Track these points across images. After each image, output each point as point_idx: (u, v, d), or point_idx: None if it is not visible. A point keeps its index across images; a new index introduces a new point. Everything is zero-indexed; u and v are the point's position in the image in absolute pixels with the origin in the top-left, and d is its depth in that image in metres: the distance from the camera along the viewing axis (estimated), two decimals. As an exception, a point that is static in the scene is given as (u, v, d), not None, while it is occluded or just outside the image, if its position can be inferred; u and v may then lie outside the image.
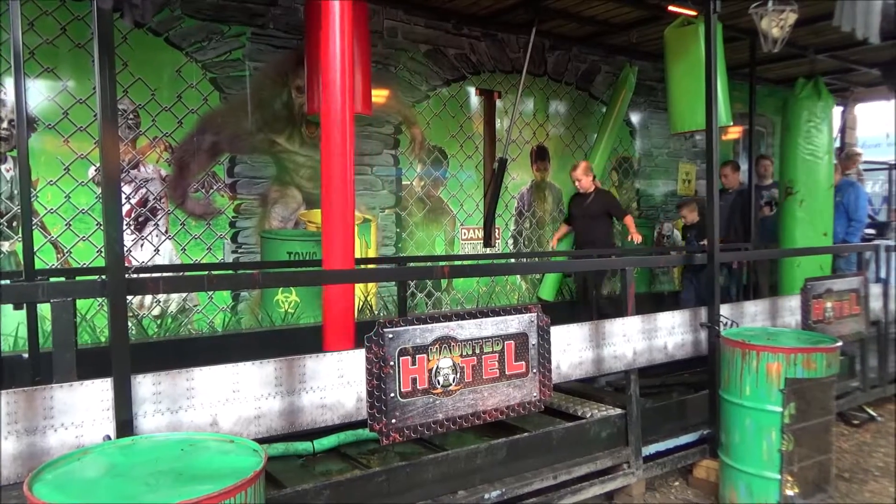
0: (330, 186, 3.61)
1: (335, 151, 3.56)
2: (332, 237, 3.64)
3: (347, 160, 3.59)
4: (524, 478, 3.05)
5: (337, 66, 3.49)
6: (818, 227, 6.42)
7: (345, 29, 3.52)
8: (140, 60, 4.74)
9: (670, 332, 3.67)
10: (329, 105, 3.53)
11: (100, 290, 2.23)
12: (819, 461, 3.09)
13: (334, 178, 3.58)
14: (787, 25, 4.18)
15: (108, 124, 2.14)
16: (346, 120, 3.54)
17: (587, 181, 6.05)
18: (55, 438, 2.01)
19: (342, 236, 3.64)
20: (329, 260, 3.65)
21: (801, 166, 6.44)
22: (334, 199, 3.60)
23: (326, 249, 3.67)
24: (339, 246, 3.64)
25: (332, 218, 3.64)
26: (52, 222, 4.50)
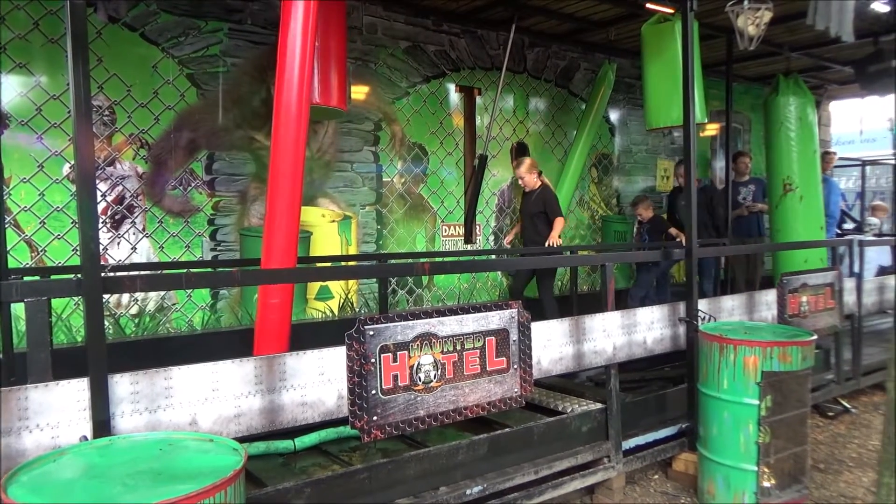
0: (277, 184, 3.41)
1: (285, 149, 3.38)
2: (274, 236, 3.43)
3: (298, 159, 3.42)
4: (505, 473, 3.07)
5: (296, 59, 3.38)
6: (818, 221, 6.54)
7: (308, 23, 3.41)
8: (115, 56, 4.67)
9: (649, 327, 3.71)
10: (281, 98, 3.38)
11: (75, 288, 2.19)
12: (795, 453, 3.14)
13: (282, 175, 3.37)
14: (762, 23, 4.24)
15: (82, 121, 2.11)
16: (301, 116, 3.39)
17: (531, 179, 5.80)
18: (30, 440, 1.98)
19: (286, 235, 3.43)
20: (267, 259, 3.45)
21: (798, 163, 6.51)
22: (281, 196, 3.40)
23: (267, 248, 3.46)
24: (282, 245, 3.42)
25: (275, 216, 3.42)
26: (26, 220, 4.42)
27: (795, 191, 6.53)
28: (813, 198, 6.53)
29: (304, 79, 3.40)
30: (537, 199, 5.79)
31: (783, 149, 6.58)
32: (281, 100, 3.39)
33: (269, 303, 3.41)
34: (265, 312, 3.46)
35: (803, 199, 6.51)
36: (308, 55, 3.43)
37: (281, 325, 3.45)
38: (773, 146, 6.71)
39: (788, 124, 6.50)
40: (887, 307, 5.43)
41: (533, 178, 5.79)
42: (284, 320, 3.48)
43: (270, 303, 3.40)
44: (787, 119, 6.50)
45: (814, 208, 6.54)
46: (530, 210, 5.83)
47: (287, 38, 3.39)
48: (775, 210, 6.75)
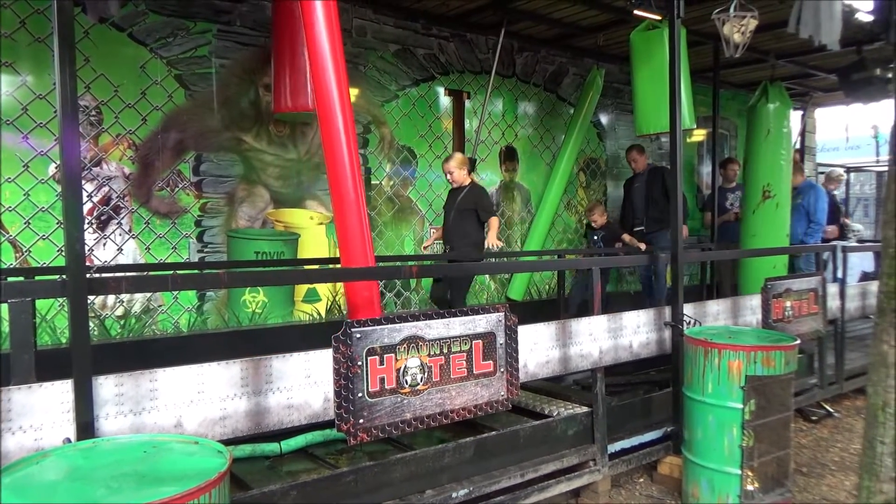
0: (339, 185, 3.44)
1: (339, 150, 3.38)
2: (349, 234, 3.51)
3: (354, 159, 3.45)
4: (492, 476, 3.07)
5: (329, 62, 3.38)
6: (784, 229, 6.60)
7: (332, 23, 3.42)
8: (103, 56, 4.65)
9: (635, 331, 3.73)
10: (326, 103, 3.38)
11: (60, 289, 2.18)
12: (778, 456, 3.16)
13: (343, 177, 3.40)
14: (748, 31, 4.28)
15: (68, 121, 2.10)
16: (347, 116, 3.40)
17: (460, 174, 5.35)
18: (13, 441, 1.97)
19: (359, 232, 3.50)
20: (348, 258, 3.56)
21: (778, 170, 6.59)
22: (345, 196, 3.44)
23: (343, 247, 3.56)
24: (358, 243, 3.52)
25: (346, 215, 3.49)
26: (11, 220, 4.39)
27: (773, 198, 6.61)
28: (785, 206, 6.63)
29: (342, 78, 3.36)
30: (468, 195, 5.33)
31: (766, 156, 6.65)
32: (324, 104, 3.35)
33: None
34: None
35: (779, 207, 6.60)
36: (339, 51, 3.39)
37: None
38: (753, 153, 6.80)
39: (773, 131, 6.58)
40: (870, 312, 5.50)
41: (463, 173, 5.37)
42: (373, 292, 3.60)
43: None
44: (772, 126, 6.58)
45: (784, 217, 6.64)
46: (459, 206, 5.34)
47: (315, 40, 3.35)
48: (751, 216, 6.83)
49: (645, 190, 6.72)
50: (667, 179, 6.50)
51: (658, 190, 6.66)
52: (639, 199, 6.78)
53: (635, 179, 6.85)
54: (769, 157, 6.64)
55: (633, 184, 6.90)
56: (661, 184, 6.62)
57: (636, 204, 6.82)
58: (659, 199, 6.66)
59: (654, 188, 6.68)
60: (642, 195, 6.73)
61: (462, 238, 5.32)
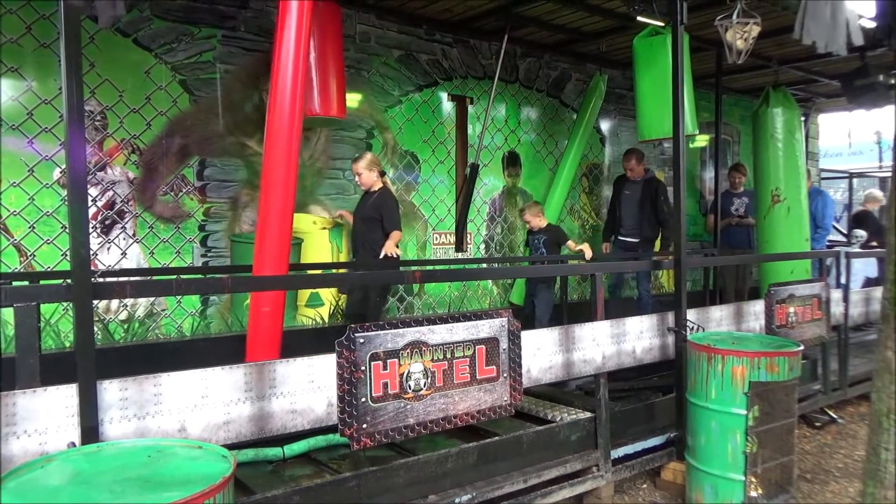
0: (269, 191, 3.43)
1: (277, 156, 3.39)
2: (266, 243, 3.46)
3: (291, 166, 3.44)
4: (495, 481, 3.07)
5: (289, 66, 3.38)
6: (803, 233, 6.59)
7: (301, 28, 3.43)
8: (108, 61, 4.66)
9: (638, 337, 3.73)
10: (274, 106, 3.38)
11: (65, 294, 2.19)
12: (782, 462, 3.16)
13: (274, 182, 3.40)
14: (750, 37, 4.28)
15: (74, 126, 2.11)
16: (294, 123, 3.40)
17: (368, 177, 4.94)
18: (18, 446, 1.97)
19: (277, 243, 3.46)
20: (259, 266, 3.49)
21: (788, 175, 6.58)
22: (273, 204, 3.43)
23: (258, 255, 3.51)
24: (274, 252, 3.47)
25: (267, 223, 3.45)
26: (16, 225, 4.40)
27: (784, 202, 6.59)
28: (800, 209, 6.59)
29: (297, 85, 3.40)
30: (374, 203, 4.94)
31: (773, 160, 6.65)
32: (274, 107, 3.39)
33: (261, 310, 3.41)
34: (257, 319, 3.46)
35: (791, 211, 6.58)
36: (302, 62, 3.44)
37: (272, 332, 3.45)
38: (761, 158, 6.78)
39: (778, 136, 6.58)
40: (873, 318, 5.49)
41: (372, 176, 4.95)
42: (276, 327, 3.48)
43: (262, 310, 3.40)
44: (776, 131, 6.57)
45: (800, 220, 6.60)
46: (365, 214, 4.98)
47: (281, 45, 3.40)
48: (763, 221, 6.81)
49: (639, 201, 6.53)
50: (659, 195, 6.42)
51: (649, 205, 6.49)
52: (629, 208, 6.60)
53: (626, 185, 6.65)
54: (773, 162, 6.66)
55: (623, 189, 6.69)
56: (653, 199, 6.47)
57: (625, 211, 6.62)
58: (650, 216, 6.52)
59: (647, 203, 6.50)
60: (635, 206, 6.55)
61: (367, 249, 4.96)
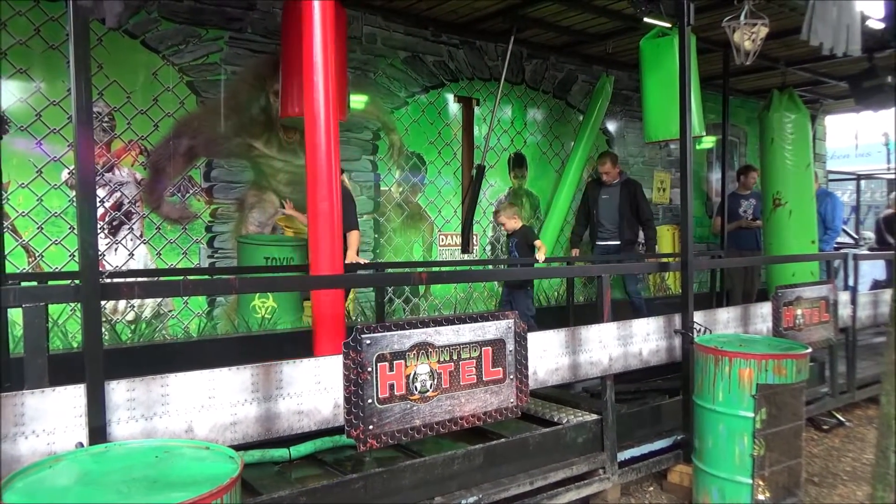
0: (315, 191, 3.54)
1: (320, 155, 3.49)
2: (319, 242, 3.56)
3: (333, 164, 3.52)
4: (501, 483, 3.06)
5: (320, 68, 3.44)
6: (808, 236, 6.56)
7: (327, 30, 3.47)
8: (116, 63, 4.69)
9: (645, 339, 3.71)
10: (312, 108, 3.47)
11: (73, 294, 2.20)
12: (789, 466, 3.14)
13: (320, 182, 3.51)
14: (758, 39, 4.27)
15: (82, 127, 2.11)
16: (331, 123, 3.48)
17: None
18: (26, 446, 1.98)
19: (329, 240, 3.56)
20: (316, 265, 3.59)
21: (789, 177, 6.56)
22: (320, 204, 3.53)
23: (313, 254, 3.61)
24: (327, 250, 3.56)
25: (318, 222, 3.54)
26: (24, 225, 4.43)
27: (785, 206, 6.58)
28: (803, 212, 6.56)
29: (330, 85, 3.42)
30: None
31: (775, 164, 6.65)
32: (312, 108, 3.41)
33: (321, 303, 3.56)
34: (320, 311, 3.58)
35: (793, 214, 6.56)
36: (332, 60, 3.46)
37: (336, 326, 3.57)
38: (765, 161, 6.77)
39: (781, 139, 6.56)
40: (882, 321, 5.45)
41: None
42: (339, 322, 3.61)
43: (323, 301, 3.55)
44: (780, 134, 6.56)
45: (804, 223, 6.57)
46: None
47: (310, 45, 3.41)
48: (767, 224, 6.80)
49: (618, 205, 6.41)
50: (639, 196, 6.38)
51: (628, 208, 6.39)
52: (608, 212, 6.48)
53: (603, 189, 6.51)
54: (777, 165, 6.64)
55: (600, 194, 6.54)
56: (634, 201, 6.36)
57: (604, 215, 6.50)
58: (630, 218, 6.42)
59: (626, 206, 6.39)
60: (614, 209, 6.43)
61: None
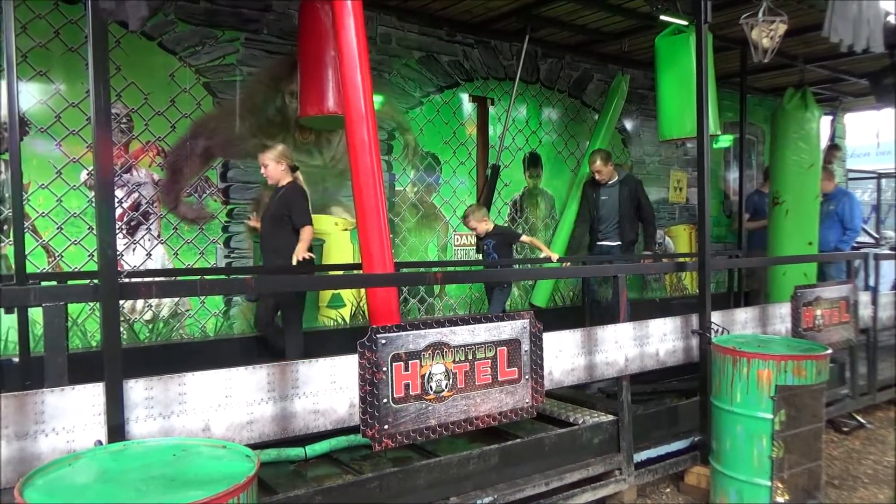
0: (362, 192, 3.57)
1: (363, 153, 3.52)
2: (370, 240, 3.65)
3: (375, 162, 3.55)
4: (516, 484, 3.06)
5: (357, 65, 3.46)
6: (804, 237, 6.48)
7: (359, 29, 3.49)
8: (134, 65, 4.73)
9: (662, 339, 3.69)
10: (352, 107, 3.49)
11: (92, 294, 2.22)
12: (809, 468, 3.10)
13: (365, 183, 3.54)
14: (776, 36, 4.22)
15: (101, 128, 2.14)
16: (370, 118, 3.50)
17: (275, 170, 4.49)
18: (46, 443, 2.00)
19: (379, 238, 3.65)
20: (369, 264, 3.68)
21: (788, 176, 6.51)
22: (367, 204, 3.59)
23: (365, 254, 3.69)
24: (378, 249, 3.65)
25: (367, 221, 3.63)
26: (44, 226, 4.48)
27: (782, 204, 6.53)
28: (802, 213, 6.50)
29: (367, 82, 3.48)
30: (281, 198, 4.49)
31: (777, 162, 6.66)
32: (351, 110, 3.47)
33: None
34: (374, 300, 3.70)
35: (789, 214, 6.49)
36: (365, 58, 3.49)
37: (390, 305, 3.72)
38: (771, 159, 6.76)
39: (784, 138, 6.52)
40: (903, 321, 5.38)
41: (280, 169, 4.50)
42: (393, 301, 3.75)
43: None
44: (784, 133, 6.52)
45: (801, 223, 6.50)
46: (271, 211, 4.55)
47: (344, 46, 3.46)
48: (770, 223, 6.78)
49: (618, 204, 6.13)
50: (639, 194, 6.14)
51: (630, 206, 6.13)
52: (608, 213, 6.19)
53: (601, 190, 6.22)
54: (777, 164, 6.64)
55: (599, 194, 6.25)
56: (635, 199, 6.11)
57: (604, 216, 6.21)
58: (632, 218, 6.16)
59: (627, 204, 6.12)
60: (614, 209, 6.15)
61: (273, 252, 4.52)
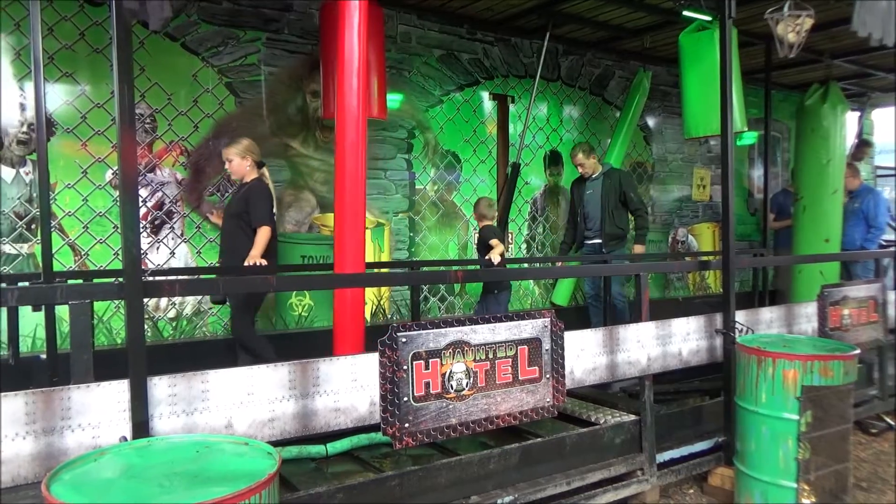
0: (343, 190, 3.59)
1: (349, 154, 3.54)
2: (344, 241, 3.62)
3: (360, 163, 3.57)
4: (537, 483, 3.04)
5: (353, 68, 3.48)
6: (820, 233, 6.39)
7: (361, 30, 3.52)
8: (157, 65, 4.79)
9: (685, 339, 3.65)
10: (344, 108, 3.53)
11: (117, 292, 2.24)
12: (836, 470, 3.05)
13: (347, 181, 3.57)
14: (803, 31, 4.15)
15: (125, 129, 2.16)
16: (360, 123, 3.53)
17: (239, 165, 4.24)
18: (72, 439, 2.03)
19: (354, 240, 3.62)
20: (340, 264, 3.65)
21: (807, 173, 6.44)
22: (347, 203, 3.58)
23: (338, 253, 3.66)
24: (351, 250, 3.62)
25: (343, 221, 3.61)
26: (70, 225, 4.55)
27: (800, 200, 6.46)
28: (818, 209, 6.41)
29: (362, 85, 3.49)
30: (242, 195, 4.25)
31: (798, 159, 6.61)
32: (343, 107, 3.47)
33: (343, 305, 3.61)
34: (343, 315, 3.62)
35: (806, 210, 6.41)
36: (363, 61, 3.51)
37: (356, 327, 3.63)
38: (795, 156, 6.70)
39: (805, 134, 6.46)
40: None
41: (245, 165, 4.25)
42: (358, 320, 3.67)
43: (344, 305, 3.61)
44: (805, 129, 6.46)
45: (818, 220, 6.41)
46: (231, 209, 4.33)
47: (344, 47, 3.47)
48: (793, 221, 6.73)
49: (600, 198, 5.85)
50: (623, 186, 5.80)
51: (615, 199, 5.82)
52: (592, 208, 5.92)
53: (587, 185, 5.98)
54: (799, 160, 6.63)
55: (584, 189, 5.99)
56: (619, 191, 5.81)
57: (589, 212, 5.95)
58: (616, 211, 5.83)
59: (611, 197, 5.81)
60: (597, 203, 5.88)
61: (231, 252, 4.28)
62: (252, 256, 4.10)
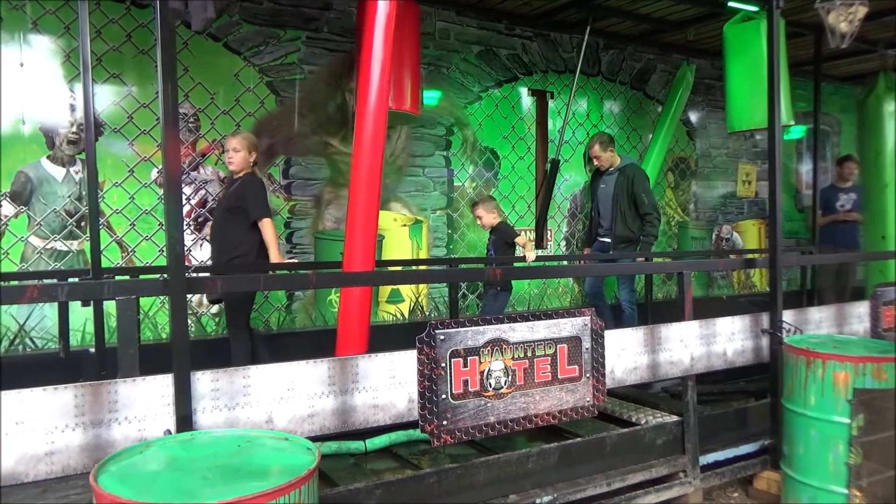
0: (357, 186, 3.55)
1: (365, 150, 3.52)
2: (354, 239, 3.59)
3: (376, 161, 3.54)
4: (577, 483, 3.00)
5: (377, 65, 3.47)
6: (876, 230, 6.16)
7: (389, 29, 3.50)
8: (200, 65, 4.88)
9: (730, 338, 3.56)
10: (364, 106, 3.51)
11: (162, 288, 2.29)
12: (890, 476, 2.93)
13: (362, 178, 3.53)
14: (856, 20, 4.00)
15: (169, 128, 2.20)
16: (379, 120, 3.51)
17: (239, 158, 4.08)
18: (119, 431, 2.08)
19: (363, 239, 3.59)
20: (349, 262, 3.61)
21: (863, 167, 6.23)
22: (359, 201, 3.54)
23: (348, 252, 3.63)
24: (360, 248, 3.60)
25: (355, 219, 3.57)
26: (118, 222, 4.67)
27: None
28: (872, 205, 6.18)
29: (384, 85, 3.47)
30: (236, 190, 4.10)
31: (862, 152, 6.34)
32: (364, 106, 3.47)
33: (349, 305, 3.51)
34: (346, 314, 3.55)
35: (864, 207, 6.20)
36: (388, 62, 3.50)
37: (361, 326, 3.53)
38: (868, 151, 6.41)
39: (863, 126, 6.23)
40: None
41: (248, 159, 4.14)
42: (363, 321, 3.56)
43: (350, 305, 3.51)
44: (863, 120, 6.23)
45: (874, 216, 6.19)
46: (225, 203, 4.20)
47: (370, 45, 3.47)
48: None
49: (613, 195, 5.52)
50: (634, 185, 5.41)
51: (627, 199, 5.45)
52: (604, 205, 5.64)
53: (602, 179, 5.70)
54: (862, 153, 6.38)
55: (599, 184, 5.73)
56: (630, 191, 5.43)
57: (601, 209, 5.69)
58: (628, 213, 5.46)
59: (623, 196, 5.46)
60: (608, 200, 5.57)
61: (224, 248, 4.13)
62: (274, 258, 4.07)
